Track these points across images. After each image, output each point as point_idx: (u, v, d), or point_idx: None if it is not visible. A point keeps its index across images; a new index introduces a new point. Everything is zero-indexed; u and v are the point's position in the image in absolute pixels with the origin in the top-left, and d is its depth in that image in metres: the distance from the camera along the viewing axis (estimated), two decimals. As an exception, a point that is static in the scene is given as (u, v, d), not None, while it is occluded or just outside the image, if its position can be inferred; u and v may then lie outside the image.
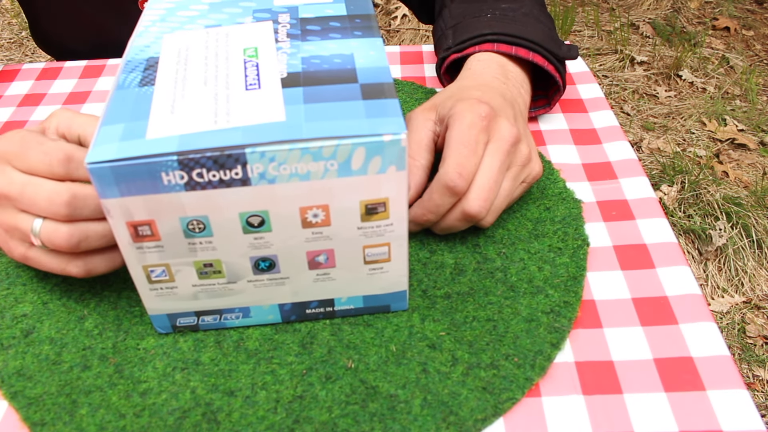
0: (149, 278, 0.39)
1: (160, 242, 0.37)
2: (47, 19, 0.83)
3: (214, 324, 0.43)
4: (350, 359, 0.42)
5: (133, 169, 0.34)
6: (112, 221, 0.36)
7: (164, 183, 0.35)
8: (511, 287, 0.46)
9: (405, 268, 0.41)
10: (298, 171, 0.35)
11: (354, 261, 0.40)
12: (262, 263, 0.39)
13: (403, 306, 0.44)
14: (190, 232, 0.37)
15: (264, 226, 0.37)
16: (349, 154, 0.35)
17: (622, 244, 0.49)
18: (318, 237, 0.38)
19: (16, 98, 0.69)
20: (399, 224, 0.39)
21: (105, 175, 0.34)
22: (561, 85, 0.58)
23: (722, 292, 1.46)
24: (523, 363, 0.41)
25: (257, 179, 0.35)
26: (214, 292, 0.41)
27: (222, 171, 0.34)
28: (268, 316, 0.43)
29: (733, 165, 1.78)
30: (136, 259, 0.38)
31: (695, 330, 0.43)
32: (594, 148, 0.59)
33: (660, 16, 2.43)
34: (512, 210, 0.52)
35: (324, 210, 0.37)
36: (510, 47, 0.56)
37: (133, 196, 0.35)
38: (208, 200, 0.36)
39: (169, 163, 0.34)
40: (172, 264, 0.39)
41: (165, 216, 0.36)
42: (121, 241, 0.37)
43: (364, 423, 0.38)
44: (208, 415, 0.39)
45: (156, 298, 0.41)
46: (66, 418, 0.39)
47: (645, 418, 0.38)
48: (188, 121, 0.36)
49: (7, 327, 0.44)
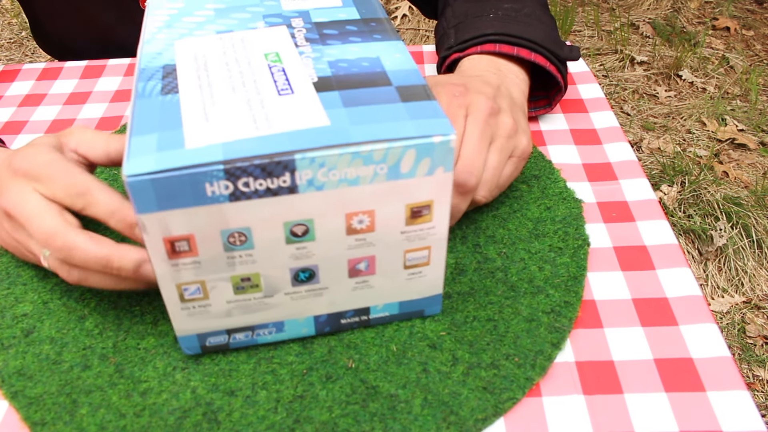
0: (182, 297, 0.38)
1: (198, 258, 0.36)
2: (47, 18, 0.83)
3: (246, 341, 0.41)
4: (351, 359, 0.42)
5: (175, 180, 0.32)
6: (147, 238, 0.34)
7: (208, 194, 0.33)
8: (511, 287, 0.46)
9: (442, 272, 0.41)
10: (347, 176, 0.34)
11: (394, 267, 0.39)
12: (302, 274, 0.38)
13: (437, 310, 0.43)
14: (230, 246, 0.36)
15: (308, 236, 0.36)
16: (399, 157, 0.34)
17: (623, 246, 0.49)
18: (361, 244, 0.37)
19: (17, 98, 0.69)
20: (441, 227, 0.38)
21: (144, 188, 0.32)
22: (562, 85, 0.58)
23: (722, 292, 1.46)
24: (523, 363, 0.41)
25: (305, 186, 0.34)
26: (249, 307, 0.39)
27: (269, 179, 0.33)
28: (302, 329, 0.42)
29: (733, 165, 1.78)
30: (170, 277, 0.36)
31: (696, 331, 0.43)
32: (594, 149, 0.59)
33: (660, 16, 2.43)
34: (513, 210, 0.52)
35: (369, 216, 0.36)
36: (512, 48, 0.56)
37: (173, 210, 0.33)
38: (253, 211, 0.34)
39: (215, 173, 0.32)
40: (208, 280, 0.37)
41: (205, 230, 0.35)
42: (155, 258, 0.35)
43: (365, 423, 0.38)
44: (208, 414, 0.39)
45: (187, 318, 0.39)
46: (66, 417, 0.39)
47: (645, 419, 0.38)
48: (227, 128, 0.34)
49: (8, 326, 0.44)
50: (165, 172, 0.32)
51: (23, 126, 0.64)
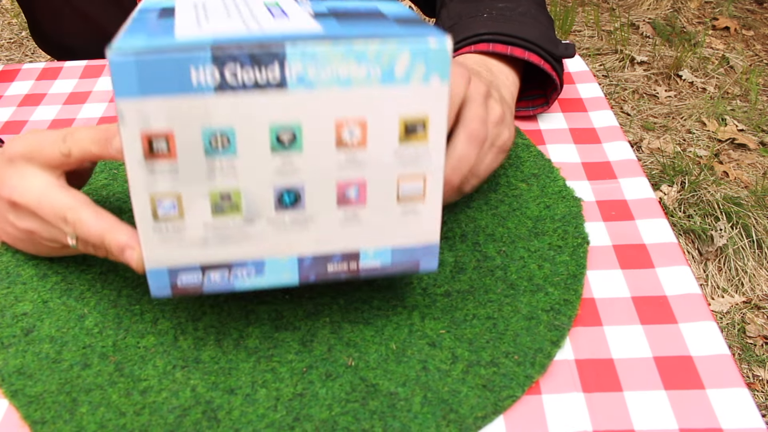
0: (155, 213, 0.35)
1: (176, 162, 0.34)
2: (46, 18, 0.84)
3: (222, 285, 0.38)
4: (350, 357, 0.42)
5: (160, 61, 0.31)
6: (124, 131, 0.33)
7: (192, 82, 0.32)
8: (511, 285, 0.46)
9: (438, 213, 0.38)
10: (339, 75, 0.33)
11: (386, 197, 0.37)
12: (286, 196, 0.36)
13: (433, 265, 0.40)
14: (211, 149, 0.34)
15: (295, 144, 0.35)
16: (393, 58, 0.33)
17: (622, 244, 0.49)
18: (351, 162, 0.36)
19: (17, 98, 0.69)
20: (437, 152, 0.37)
21: (127, 68, 0.31)
22: (558, 83, 0.58)
23: (722, 292, 1.46)
24: (523, 361, 0.41)
25: (295, 82, 0.33)
26: (228, 235, 0.36)
27: (258, 70, 0.32)
28: (283, 274, 0.38)
29: (733, 165, 1.78)
30: (144, 184, 0.34)
31: (695, 329, 0.43)
32: (593, 148, 0.59)
33: (660, 16, 2.43)
34: (512, 208, 0.52)
35: (361, 126, 0.35)
36: (505, 47, 0.56)
37: (154, 98, 0.32)
38: (238, 107, 0.33)
39: (202, 57, 0.32)
40: (184, 194, 0.35)
41: (187, 126, 0.33)
42: (130, 160, 0.34)
43: (365, 421, 0.38)
44: (208, 413, 0.39)
45: (159, 243, 0.36)
46: (66, 416, 0.39)
47: (645, 416, 0.38)
48: (219, 30, 0.34)
49: (8, 325, 0.44)
50: (151, 52, 0.31)
51: (23, 126, 0.64)
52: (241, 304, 0.45)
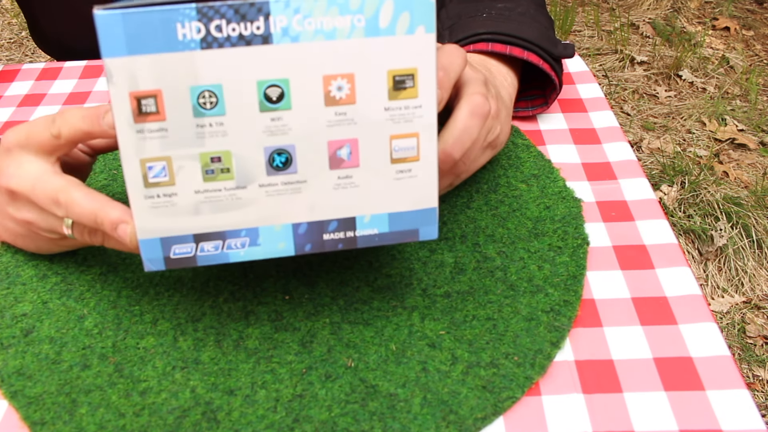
0: (146, 179, 0.35)
1: (165, 124, 0.34)
2: (46, 18, 0.83)
3: (215, 256, 0.37)
4: (350, 358, 0.42)
5: (146, 18, 0.32)
6: (113, 90, 0.33)
7: (178, 38, 0.32)
8: (511, 286, 0.46)
9: (434, 175, 0.38)
10: (323, 27, 0.33)
11: (380, 157, 0.37)
12: (277, 158, 0.36)
13: (433, 233, 0.39)
14: (200, 109, 0.34)
15: (283, 102, 0.35)
16: (376, 7, 0.33)
17: (622, 245, 0.49)
18: (341, 120, 0.36)
19: (16, 98, 0.69)
20: (428, 108, 0.36)
21: (114, 25, 0.31)
22: (557, 83, 0.58)
23: (722, 292, 1.46)
24: (522, 362, 0.41)
25: (280, 36, 0.33)
26: (220, 202, 0.36)
27: (243, 24, 0.32)
28: (278, 243, 0.38)
29: (733, 165, 1.78)
30: (134, 148, 0.34)
31: (695, 330, 0.43)
32: (593, 148, 0.59)
33: (660, 16, 2.43)
34: (512, 209, 0.52)
35: (349, 81, 0.35)
36: (504, 47, 0.56)
37: (141, 55, 0.32)
38: (225, 63, 0.33)
39: (187, 12, 0.32)
40: (174, 157, 0.35)
41: (174, 83, 0.33)
42: (120, 122, 0.34)
43: (364, 422, 0.38)
44: (207, 414, 0.39)
45: (151, 210, 0.36)
46: (66, 417, 0.39)
47: (645, 417, 0.38)
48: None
49: (7, 326, 0.44)
50: (136, 7, 0.32)
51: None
52: (241, 304, 0.45)
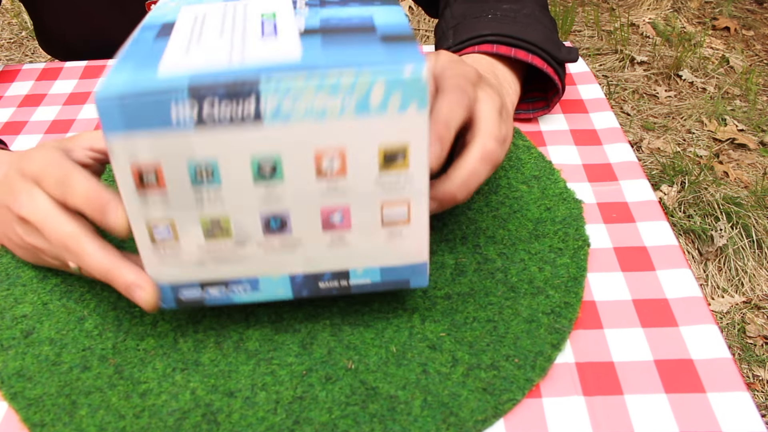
0: (152, 237, 0.37)
1: (165, 191, 0.36)
2: (51, 19, 0.83)
3: (220, 298, 0.40)
4: (350, 360, 0.42)
5: (141, 101, 0.33)
6: (116, 164, 0.35)
7: (173, 119, 0.33)
8: (511, 288, 0.46)
9: (425, 234, 0.39)
10: (314, 107, 0.33)
11: (370, 222, 0.38)
12: (273, 222, 0.37)
13: (423, 282, 0.41)
14: (197, 180, 0.35)
15: (276, 174, 0.35)
16: (367, 88, 0.33)
17: (623, 246, 0.49)
18: (333, 191, 0.36)
19: (17, 99, 0.69)
20: (419, 177, 0.37)
21: (112, 109, 0.33)
22: (560, 87, 0.58)
23: (722, 292, 1.46)
24: (523, 364, 0.41)
25: (270, 117, 0.34)
26: (221, 257, 0.38)
27: (234, 104, 0.33)
28: (278, 290, 0.40)
29: (733, 165, 1.78)
30: (139, 213, 0.36)
31: (696, 332, 0.43)
32: (594, 149, 0.58)
33: (660, 16, 2.43)
34: (513, 210, 0.52)
35: (340, 156, 0.35)
36: (509, 49, 0.56)
37: (139, 133, 0.34)
38: (219, 140, 0.34)
39: (179, 94, 0.33)
40: (177, 219, 0.37)
41: (172, 158, 0.35)
42: (124, 192, 0.36)
43: (364, 424, 0.38)
44: (207, 416, 0.39)
45: (160, 264, 0.38)
46: (66, 418, 0.39)
47: (646, 420, 0.38)
48: (201, 61, 0.35)
49: (7, 328, 0.44)
50: (132, 94, 0.33)
51: (23, 126, 0.64)
52: (241, 306, 0.45)
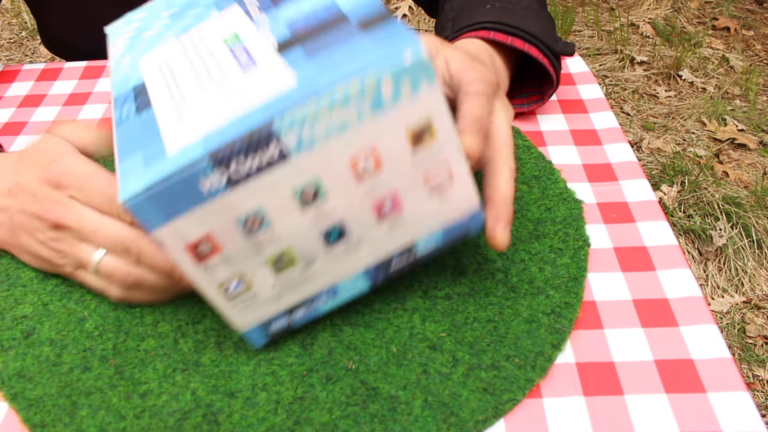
0: (227, 296, 0.38)
1: (224, 253, 0.36)
2: (56, 18, 0.83)
3: (308, 315, 0.41)
4: (351, 360, 0.42)
5: (168, 188, 0.33)
6: (169, 252, 0.35)
7: (204, 191, 0.33)
8: (511, 288, 0.46)
9: (470, 182, 0.39)
10: (332, 125, 0.33)
11: (418, 195, 0.38)
12: (332, 235, 0.37)
13: (480, 224, 0.41)
14: (250, 231, 0.36)
15: (320, 196, 0.36)
16: (376, 88, 0.33)
17: (623, 247, 0.49)
18: (376, 186, 0.36)
19: (17, 99, 0.69)
20: (449, 143, 0.37)
21: (144, 206, 0.33)
22: (555, 79, 0.58)
23: (722, 292, 1.46)
24: (523, 364, 0.41)
25: (296, 149, 0.33)
26: (296, 283, 0.39)
27: (257, 153, 0.33)
28: (356, 287, 0.41)
29: (733, 165, 1.78)
30: (207, 282, 0.37)
31: (696, 332, 0.43)
32: (594, 149, 0.59)
33: (660, 16, 2.43)
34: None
35: (373, 155, 0.35)
36: (506, 37, 0.56)
37: (180, 217, 0.34)
38: (256, 191, 0.34)
39: (202, 166, 0.33)
40: (244, 271, 0.37)
41: (218, 224, 0.35)
42: (186, 269, 0.36)
43: (365, 424, 0.38)
44: (208, 416, 0.39)
45: (242, 313, 0.39)
46: (66, 419, 0.39)
47: (646, 420, 0.38)
48: (201, 122, 0.34)
49: (8, 328, 0.44)
50: (156, 184, 0.33)
51: (23, 127, 0.64)
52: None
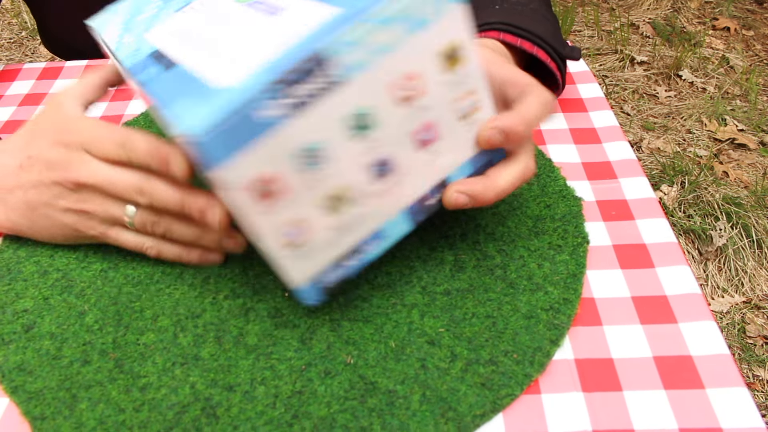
0: (285, 243, 0.38)
1: (283, 192, 0.36)
2: (56, 18, 0.83)
3: (358, 264, 0.41)
4: (349, 355, 0.42)
5: (237, 120, 0.32)
6: (229, 191, 0.34)
7: (267, 122, 0.33)
8: (510, 284, 0.46)
9: (493, 111, 0.42)
10: (380, 44, 0.34)
11: (452, 123, 0.40)
12: (379, 169, 0.38)
13: (502, 153, 0.44)
14: (306, 168, 0.36)
15: (370, 125, 0.37)
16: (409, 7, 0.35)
17: (622, 244, 0.49)
18: (418, 111, 0.38)
19: (17, 98, 0.69)
20: (472, 65, 0.39)
21: (213, 142, 0.32)
22: (560, 83, 0.58)
23: (722, 292, 1.46)
24: (522, 359, 0.41)
25: (347, 73, 0.34)
26: (347, 225, 0.39)
27: (311, 80, 0.33)
28: (400, 228, 0.42)
29: (733, 165, 1.78)
30: (266, 224, 0.36)
31: (695, 329, 0.43)
32: (594, 148, 0.59)
33: (660, 16, 2.43)
34: (512, 207, 0.52)
35: (414, 77, 0.37)
36: (516, 38, 0.56)
37: (243, 152, 0.33)
38: (314, 119, 0.34)
39: (266, 98, 0.32)
40: (301, 213, 0.37)
41: (280, 159, 0.35)
42: (246, 212, 0.36)
43: (363, 418, 0.38)
44: (207, 409, 0.39)
45: (297, 262, 0.39)
46: (66, 412, 0.39)
47: (644, 416, 0.38)
48: (249, 60, 0.34)
49: (8, 322, 0.44)
50: (224, 117, 0.32)
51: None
52: (241, 301, 0.45)
